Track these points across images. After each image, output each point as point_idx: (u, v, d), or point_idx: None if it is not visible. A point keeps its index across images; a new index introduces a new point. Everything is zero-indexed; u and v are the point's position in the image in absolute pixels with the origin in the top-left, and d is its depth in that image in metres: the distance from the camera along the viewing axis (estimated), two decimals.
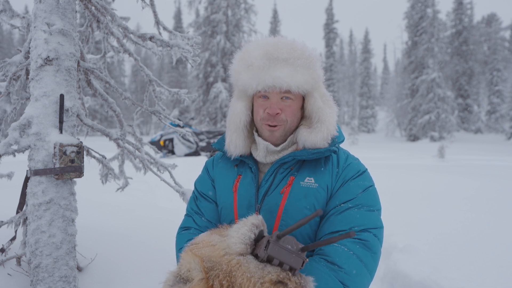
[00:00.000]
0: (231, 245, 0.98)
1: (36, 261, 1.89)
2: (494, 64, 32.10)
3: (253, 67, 1.26)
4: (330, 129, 1.29)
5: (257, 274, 0.91)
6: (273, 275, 0.90)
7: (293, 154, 1.29)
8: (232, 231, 1.01)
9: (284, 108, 1.28)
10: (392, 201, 4.80)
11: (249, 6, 25.55)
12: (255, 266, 0.93)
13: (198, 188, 1.49)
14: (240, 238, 0.97)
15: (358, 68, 45.43)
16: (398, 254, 2.91)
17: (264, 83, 1.24)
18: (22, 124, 1.90)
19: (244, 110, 1.35)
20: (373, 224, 1.22)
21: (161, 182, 3.23)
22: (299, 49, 1.27)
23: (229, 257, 0.96)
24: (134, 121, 2.89)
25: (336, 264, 1.13)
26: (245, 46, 1.34)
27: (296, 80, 1.23)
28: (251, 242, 0.98)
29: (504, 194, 5.27)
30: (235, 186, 1.35)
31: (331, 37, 39.73)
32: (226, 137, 1.39)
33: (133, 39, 2.49)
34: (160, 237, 3.02)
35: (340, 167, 1.30)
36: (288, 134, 1.33)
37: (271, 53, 1.24)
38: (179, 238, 1.41)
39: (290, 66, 1.24)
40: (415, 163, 11.79)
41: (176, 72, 42.15)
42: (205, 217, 1.41)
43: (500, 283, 2.36)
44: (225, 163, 1.44)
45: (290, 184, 1.27)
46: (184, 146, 15.35)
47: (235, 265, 0.94)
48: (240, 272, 0.92)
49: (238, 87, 1.34)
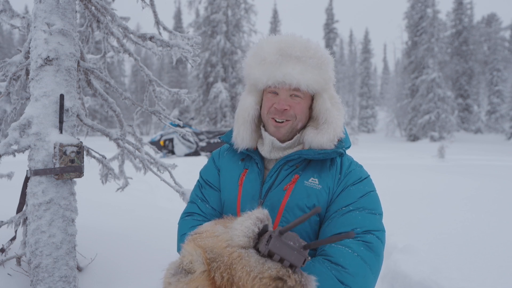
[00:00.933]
0: (234, 238, 0.97)
1: (36, 261, 1.89)
2: (494, 64, 32.10)
3: (265, 62, 1.27)
4: (337, 131, 1.30)
5: (257, 269, 0.90)
6: (273, 271, 0.89)
7: (300, 152, 1.30)
8: (236, 223, 1.00)
9: (293, 105, 1.29)
10: (392, 201, 4.80)
11: (249, 6, 25.54)
12: (256, 260, 0.92)
13: (203, 176, 1.50)
14: (243, 231, 0.96)
15: (358, 68, 45.42)
16: (398, 254, 2.91)
17: (275, 79, 1.25)
18: (22, 124, 1.90)
19: (254, 105, 1.37)
20: (375, 226, 1.22)
21: (161, 182, 3.23)
22: (312, 49, 1.27)
23: (231, 249, 0.95)
24: (134, 121, 2.89)
25: (340, 265, 1.13)
26: (259, 42, 1.35)
27: (306, 78, 1.24)
28: (254, 236, 0.97)
29: (504, 194, 5.27)
30: (241, 179, 1.36)
31: (331, 37, 39.70)
32: (234, 129, 1.41)
33: (133, 39, 2.49)
34: (160, 237, 3.02)
35: (342, 173, 1.31)
36: (295, 132, 1.34)
37: (284, 50, 1.25)
38: (182, 223, 1.41)
39: (302, 64, 1.25)
40: (415, 163, 11.79)
41: (176, 72, 42.14)
42: (210, 204, 1.42)
43: (500, 283, 2.36)
44: (232, 156, 1.46)
45: (294, 182, 1.28)
46: (184, 146, 15.35)
47: (236, 258, 0.93)
48: (240, 266, 0.91)
49: (250, 81, 1.35)
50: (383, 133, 36.81)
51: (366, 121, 39.54)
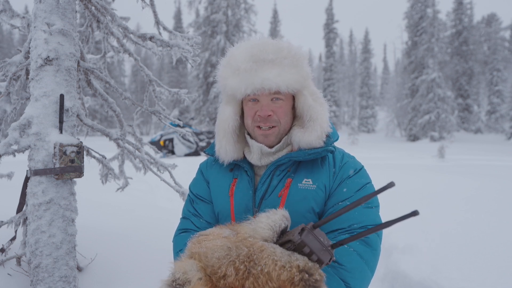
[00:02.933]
0: (258, 229, 0.95)
1: (36, 261, 1.89)
2: (494, 64, 32.10)
3: (240, 71, 1.23)
4: (324, 127, 1.27)
5: (284, 258, 0.89)
6: (301, 262, 0.88)
7: (289, 155, 1.27)
8: (261, 217, 0.99)
9: (276, 110, 1.26)
10: (392, 201, 4.79)
11: (249, 6, 25.56)
12: (281, 252, 0.91)
13: (193, 190, 1.46)
14: (270, 224, 0.95)
15: (358, 68, 45.44)
16: (398, 254, 2.91)
17: (253, 86, 1.21)
18: (22, 124, 1.90)
19: (233, 115, 1.33)
20: (372, 220, 1.21)
21: (161, 182, 3.23)
22: (285, 49, 1.24)
23: (252, 240, 0.93)
24: (134, 121, 2.89)
25: (337, 261, 1.12)
26: (230, 50, 1.31)
27: (285, 79, 1.21)
28: (280, 231, 0.95)
29: (504, 194, 5.27)
30: (231, 190, 1.32)
31: (331, 37, 39.71)
32: (216, 143, 1.37)
33: (133, 39, 2.49)
34: (160, 237, 3.02)
35: (336, 167, 1.29)
36: (283, 136, 1.31)
37: (257, 55, 1.22)
38: (177, 240, 1.39)
39: (277, 67, 1.22)
40: (415, 163, 11.79)
41: (176, 72, 42.15)
42: (204, 219, 1.39)
43: (500, 283, 2.36)
44: (220, 166, 1.41)
45: (287, 187, 1.26)
46: (184, 146, 15.36)
47: (257, 249, 0.91)
48: (266, 254, 0.89)
49: (227, 92, 1.30)
50: (383, 133, 36.80)
51: (366, 121, 39.53)
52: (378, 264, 1.23)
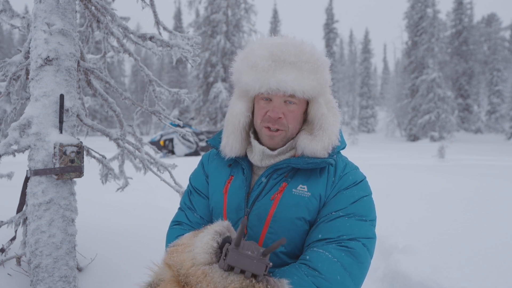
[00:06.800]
0: (196, 256, 0.97)
1: (36, 261, 1.89)
2: (494, 64, 32.09)
3: (257, 68, 1.20)
4: (332, 139, 1.24)
5: (221, 283, 0.90)
6: (236, 283, 0.89)
7: (288, 161, 1.24)
8: (196, 240, 1.01)
9: (287, 113, 1.23)
10: (392, 201, 4.80)
11: (249, 6, 25.55)
12: (220, 275, 0.92)
13: (192, 182, 1.45)
14: (203, 248, 0.97)
15: (358, 68, 45.41)
16: (398, 254, 2.91)
17: (268, 86, 1.18)
18: (22, 124, 1.90)
19: (244, 111, 1.30)
20: (363, 234, 1.16)
21: (161, 182, 3.23)
22: (307, 52, 1.20)
23: (195, 268, 0.95)
24: (134, 121, 2.89)
25: (317, 270, 1.09)
26: (250, 44, 1.27)
27: (302, 85, 1.17)
28: (215, 250, 0.96)
29: (504, 194, 5.27)
30: (226, 187, 1.31)
31: (331, 37, 39.71)
32: (223, 138, 1.35)
33: (133, 39, 2.49)
34: (160, 237, 3.00)
35: (336, 176, 1.26)
36: (289, 139, 1.29)
37: (277, 55, 1.18)
38: (170, 232, 1.39)
39: (296, 70, 1.17)
40: (415, 163, 11.78)
41: (176, 72, 42.13)
42: (198, 213, 1.38)
43: (500, 283, 2.36)
44: (220, 161, 1.40)
45: (281, 191, 1.23)
46: (184, 146, 15.36)
47: (200, 276, 0.93)
48: (206, 283, 0.92)
49: (240, 87, 1.27)
50: (383, 133, 36.80)
51: (366, 121, 39.52)
52: (377, 264, 1.22)
